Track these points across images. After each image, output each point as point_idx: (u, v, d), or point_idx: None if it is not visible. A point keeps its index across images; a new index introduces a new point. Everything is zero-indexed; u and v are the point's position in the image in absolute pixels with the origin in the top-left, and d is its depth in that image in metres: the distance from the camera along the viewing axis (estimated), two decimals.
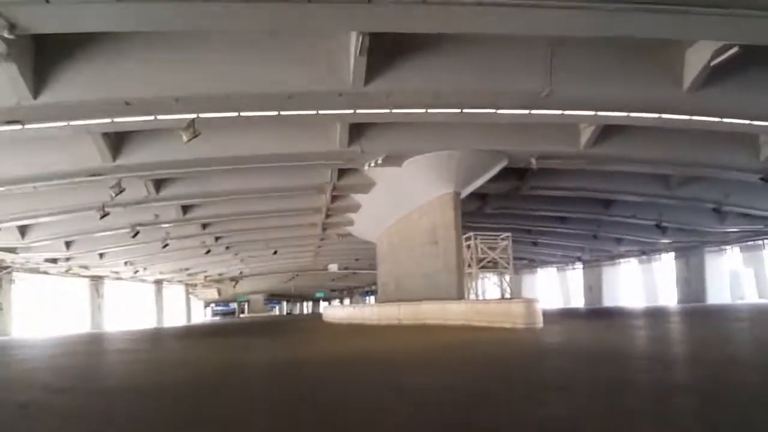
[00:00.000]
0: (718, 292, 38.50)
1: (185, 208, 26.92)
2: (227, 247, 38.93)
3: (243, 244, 39.20)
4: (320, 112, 14.56)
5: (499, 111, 14.91)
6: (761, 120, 15.41)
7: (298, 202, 27.84)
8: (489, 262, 19.20)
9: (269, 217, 30.72)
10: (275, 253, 41.52)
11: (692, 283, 40.01)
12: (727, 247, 38.39)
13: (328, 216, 30.99)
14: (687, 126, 15.93)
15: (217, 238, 35.12)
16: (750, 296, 37.05)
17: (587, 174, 23.21)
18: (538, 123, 17.47)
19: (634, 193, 26.08)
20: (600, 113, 15.18)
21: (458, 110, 14.83)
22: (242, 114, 14.42)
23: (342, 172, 22.97)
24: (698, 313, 23.29)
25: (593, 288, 50.66)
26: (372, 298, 75.99)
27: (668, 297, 43.78)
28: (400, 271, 27.53)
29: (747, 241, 36.53)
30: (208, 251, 36.76)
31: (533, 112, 14.95)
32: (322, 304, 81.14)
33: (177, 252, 37.32)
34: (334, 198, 27.00)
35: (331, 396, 6.02)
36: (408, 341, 13.90)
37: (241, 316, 78.28)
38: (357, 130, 17.68)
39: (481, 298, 20.50)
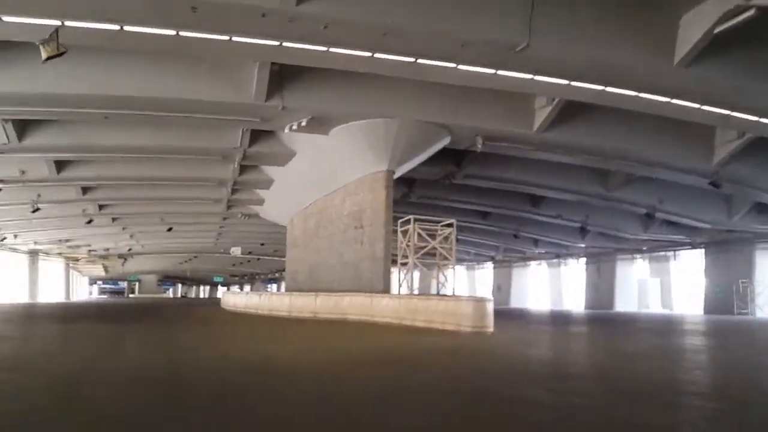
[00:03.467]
0: (626, 301, 38.84)
1: (59, 165, 21.89)
2: (114, 219, 33.69)
3: (133, 217, 34.29)
4: (234, 38, 11.00)
5: (460, 67, 12.16)
6: (743, 112, 13.85)
7: (199, 169, 23.57)
8: (428, 252, 16.40)
9: (164, 186, 26.16)
10: (170, 230, 36.91)
11: (602, 289, 40.14)
12: (638, 256, 38.81)
13: (234, 191, 27.06)
14: (661, 111, 14.13)
15: (101, 207, 29.83)
16: (654, 306, 37.57)
17: (527, 164, 21.32)
18: (494, 93, 15.05)
19: (569, 190, 24.56)
20: (573, 83, 12.80)
21: (411, 59, 11.90)
22: (126, 28, 10.55)
23: (255, 136, 19.27)
24: (629, 323, 22.09)
25: (502, 288, 50.28)
26: (275, 287, 72.43)
27: (574, 302, 43.86)
28: (316, 258, 24.22)
29: (657, 251, 37.02)
30: (90, 221, 31.30)
31: (499, 72, 12.36)
32: (221, 289, 76.33)
33: (53, 219, 32.09)
34: (243, 169, 23.16)
35: None
36: (334, 345, 10.71)
37: (131, 296, 72.91)
38: (279, 80, 14.27)
39: (415, 292, 17.75)
